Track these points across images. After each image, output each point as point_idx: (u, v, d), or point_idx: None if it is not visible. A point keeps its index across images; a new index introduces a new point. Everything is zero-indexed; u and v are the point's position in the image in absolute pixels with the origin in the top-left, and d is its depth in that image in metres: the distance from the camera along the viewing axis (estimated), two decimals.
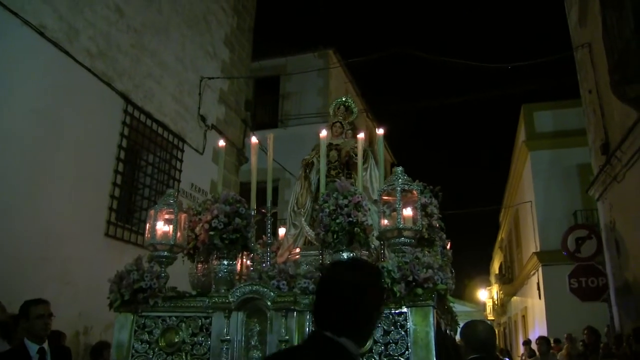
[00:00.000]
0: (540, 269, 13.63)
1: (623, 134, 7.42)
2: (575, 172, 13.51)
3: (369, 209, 3.94)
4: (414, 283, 3.16)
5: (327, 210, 3.60)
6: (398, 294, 3.12)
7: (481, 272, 31.90)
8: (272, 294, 3.34)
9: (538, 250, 13.73)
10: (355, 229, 3.57)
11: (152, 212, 3.77)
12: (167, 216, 3.79)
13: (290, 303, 3.32)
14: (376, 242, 4.07)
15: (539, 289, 13.78)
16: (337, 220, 3.55)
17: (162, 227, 3.74)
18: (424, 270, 3.19)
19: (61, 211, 6.03)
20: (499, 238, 25.52)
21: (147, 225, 3.75)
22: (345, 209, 3.58)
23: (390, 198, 3.61)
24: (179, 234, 3.79)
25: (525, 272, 16.13)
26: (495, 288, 25.87)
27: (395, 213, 3.50)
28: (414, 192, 3.63)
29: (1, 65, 5.46)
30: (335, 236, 3.55)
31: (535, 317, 15.17)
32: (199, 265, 4.02)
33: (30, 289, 5.43)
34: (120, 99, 7.11)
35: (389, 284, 3.13)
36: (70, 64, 6.33)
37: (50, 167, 5.99)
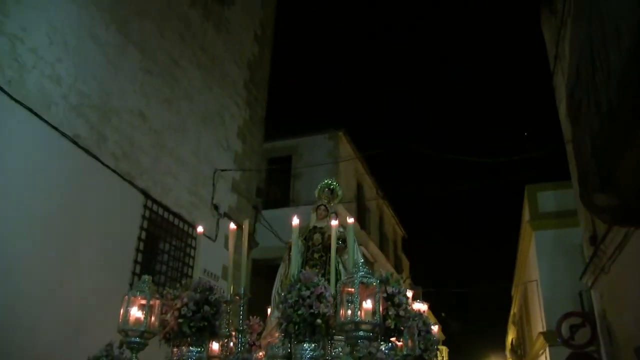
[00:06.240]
0: (547, 349, 12.61)
1: (606, 227, 7.03)
2: (579, 251, 12.47)
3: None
4: None
5: (290, 301, 3.38)
6: None
7: (498, 345, 30.06)
8: None
9: (544, 330, 12.77)
10: (317, 320, 3.32)
11: (125, 297, 3.62)
12: (142, 302, 3.63)
13: None
14: None
15: None
16: (299, 312, 3.32)
17: (136, 312, 3.57)
18: None
19: (84, 301, 5.94)
20: (512, 312, 24.09)
21: (121, 310, 3.59)
22: (307, 300, 3.35)
23: (350, 290, 3.37)
24: (153, 318, 3.61)
25: (534, 351, 14.98)
26: None
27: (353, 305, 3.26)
28: (374, 284, 3.39)
29: (42, 172, 5.67)
30: (296, 327, 3.31)
31: None
32: (175, 349, 3.79)
33: None
34: (140, 195, 7.14)
35: None
36: (98, 166, 6.46)
37: (76, 259, 6.00)
